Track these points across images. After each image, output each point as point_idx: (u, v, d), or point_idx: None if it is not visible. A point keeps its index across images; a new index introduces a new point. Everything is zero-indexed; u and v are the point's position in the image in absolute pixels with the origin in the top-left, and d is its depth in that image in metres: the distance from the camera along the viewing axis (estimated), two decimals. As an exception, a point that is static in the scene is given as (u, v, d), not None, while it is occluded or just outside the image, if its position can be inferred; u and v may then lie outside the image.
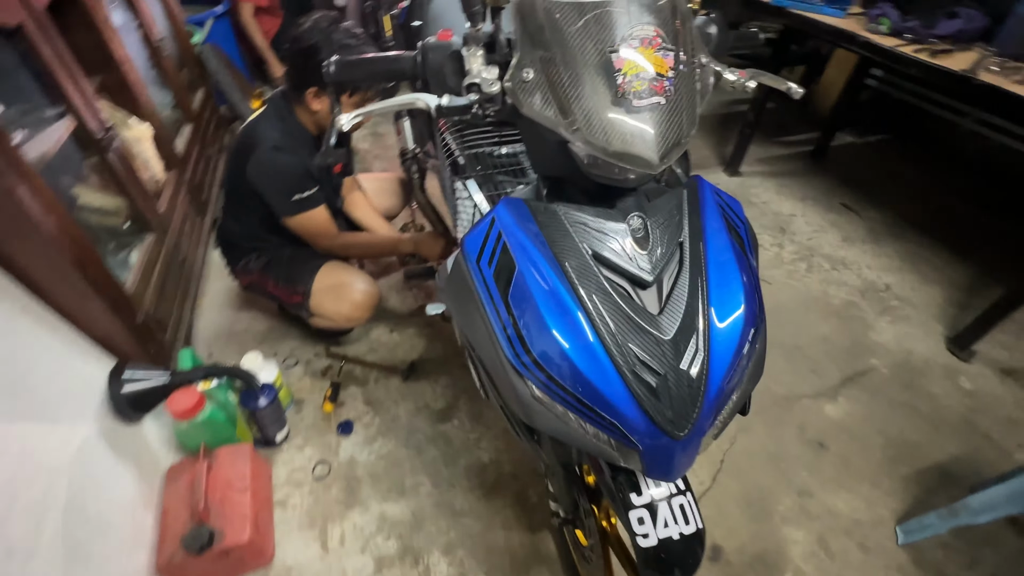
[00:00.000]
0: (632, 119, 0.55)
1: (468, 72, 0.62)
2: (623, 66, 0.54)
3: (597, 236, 0.62)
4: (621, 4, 0.55)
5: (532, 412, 0.62)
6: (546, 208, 0.64)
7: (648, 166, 0.57)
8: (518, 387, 0.62)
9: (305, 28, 1.18)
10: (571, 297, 0.60)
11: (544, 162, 0.70)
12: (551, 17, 0.56)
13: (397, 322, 1.81)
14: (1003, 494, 1.08)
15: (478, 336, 0.66)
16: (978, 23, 1.62)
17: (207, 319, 1.78)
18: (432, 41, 0.63)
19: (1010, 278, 2.00)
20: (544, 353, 0.60)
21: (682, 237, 0.66)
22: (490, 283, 0.63)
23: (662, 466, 0.63)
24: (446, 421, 1.51)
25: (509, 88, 0.59)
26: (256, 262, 1.49)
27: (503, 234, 0.64)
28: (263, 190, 1.31)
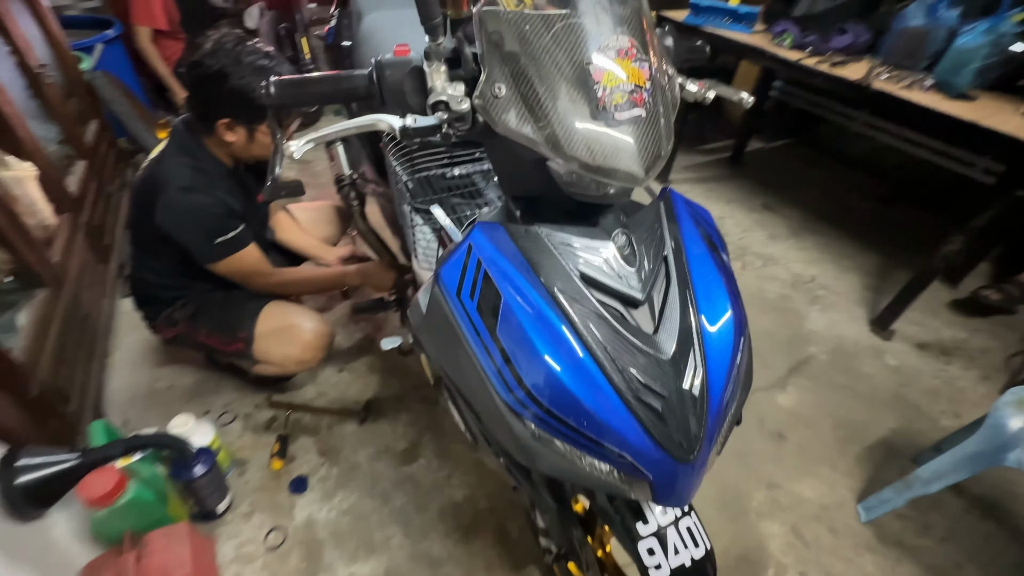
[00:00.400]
0: (614, 132, 0.53)
1: (431, 89, 0.56)
2: (602, 78, 0.52)
3: (583, 257, 0.59)
4: (591, 14, 0.52)
5: (533, 454, 0.57)
6: (527, 231, 0.59)
7: (633, 180, 0.55)
8: (516, 428, 0.57)
9: (208, 51, 1.04)
10: (564, 324, 0.56)
11: (516, 182, 0.65)
12: (519, 29, 0.53)
13: (346, 360, 1.68)
14: (948, 463, 1.16)
15: (465, 378, 0.60)
16: (865, 37, 1.82)
17: (120, 380, 1.56)
18: (389, 57, 0.58)
19: (911, 262, 2.23)
20: (541, 388, 0.55)
21: (666, 251, 0.64)
22: (474, 318, 0.57)
23: (674, 493, 0.59)
24: (411, 462, 1.41)
25: (480, 105, 0.54)
26: (181, 312, 1.31)
27: (483, 262, 0.59)
28: (179, 237, 1.15)
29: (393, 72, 0.57)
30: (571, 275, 0.58)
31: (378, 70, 0.57)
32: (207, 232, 1.15)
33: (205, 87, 1.06)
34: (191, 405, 1.50)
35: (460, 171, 1.05)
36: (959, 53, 1.60)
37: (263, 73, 1.05)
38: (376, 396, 1.57)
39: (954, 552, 1.31)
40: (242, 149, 1.18)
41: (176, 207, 1.11)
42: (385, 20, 1.27)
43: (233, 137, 1.13)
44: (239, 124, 1.11)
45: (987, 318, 2.04)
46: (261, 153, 1.20)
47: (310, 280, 1.36)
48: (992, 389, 1.75)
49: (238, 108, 1.08)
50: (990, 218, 1.54)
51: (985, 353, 1.89)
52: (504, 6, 0.53)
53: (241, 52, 1.05)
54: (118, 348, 1.64)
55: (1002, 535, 1.35)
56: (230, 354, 1.34)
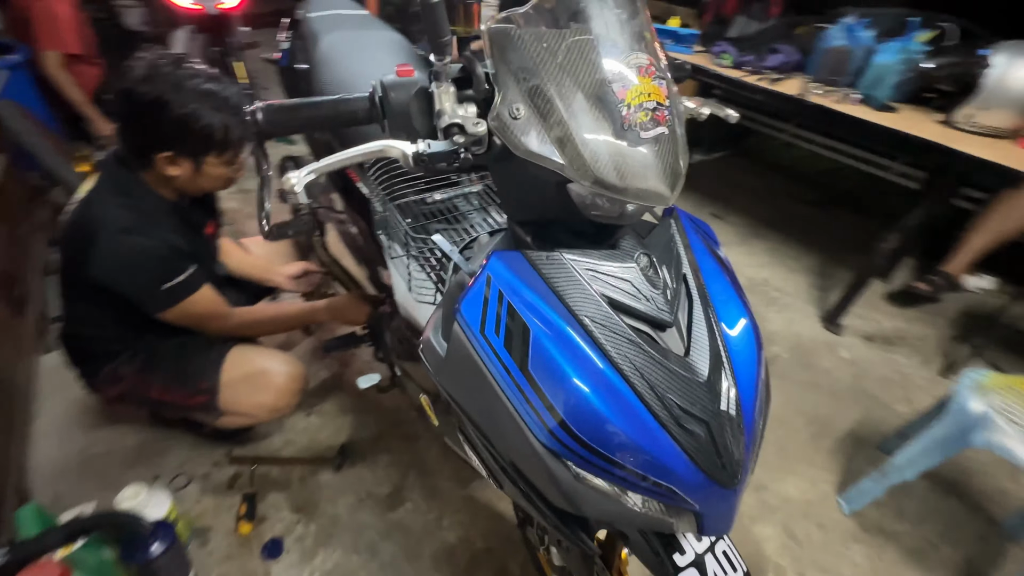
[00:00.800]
0: (641, 151, 0.51)
1: (440, 112, 0.52)
2: (625, 96, 0.50)
3: (609, 281, 0.56)
4: (607, 31, 0.50)
5: (577, 498, 0.53)
6: (548, 257, 0.56)
7: (660, 199, 0.53)
8: (556, 472, 0.52)
9: (141, 76, 0.92)
10: (598, 354, 0.53)
11: (525, 206, 0.62)
12: (535, 47, 0.50)
13: (313, 402, 1.55)
14: (920, 450, 1.23)
15: (494, 421, 0.55)
16: (795, 56, 1.96)
17: (47, 451, 1.35)
18: (392, 78, 0.53)
19: (847, 260, 2.41)
20: (582, 425, 0.51)
21: (684, 269, 0.63)
22: (502, 355, 0.53)
23: (720, 520, 0.57)
24: (397, 507, 1.31)
25: (497, 127, 0.51)
26: (128, 366, 1.15)
27: (504, 294, 0.55)
28: (120, 287, 1.01)
29: (398, 94, 0.52)
30: (599, 301, 0.55)
31: (381, 92, 0.52)
32: (153, 278, 1.01)
33: (140, 118, 0.95)
34: (136, 471, 1.33)
35: (440, 196, 1.00)
36: (878, 69, 1.76)
37: (209, 99, 0.95)
38: (351, 439, 1.46)
39: (928, 532, 1.38)
40: (188, 183, 1.05)
41: (114, 254, 0.98)
42: (343, 42, 1.21)
43: (177, 171, 1.01)
44: (183, 157, 0.99)
45: (918, 307, 2.22)
46: (211, 186, 1.08)
47: (274, 319, 1.24)
48: (933, 373, 1.90)
49: (181, 139, 0.97)
50: (921, 217, 1.69)
51: (923, 340, 2.05)
52: (517, 23, 0.50)
53: (181, 76, 0.94)
54: (41, 413, 1.43)
55: (964, 510, 1.45)
56: (189, 408, 1.19)
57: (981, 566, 1.32)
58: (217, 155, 1.02)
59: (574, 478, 0.52)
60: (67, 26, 2.27)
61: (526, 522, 1.03)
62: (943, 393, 1.81)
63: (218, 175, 1.05)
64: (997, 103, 1.50)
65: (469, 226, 1.02)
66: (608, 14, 0.50)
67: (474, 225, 1.04)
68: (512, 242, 0.67)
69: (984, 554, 1.34)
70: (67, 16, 2.27)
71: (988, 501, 1.48)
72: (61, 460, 1.33)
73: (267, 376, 1.18)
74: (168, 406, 1.21)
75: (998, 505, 1.47)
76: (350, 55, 1.19)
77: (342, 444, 1.42)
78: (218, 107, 0.97)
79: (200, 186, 1.07)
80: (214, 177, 1.05)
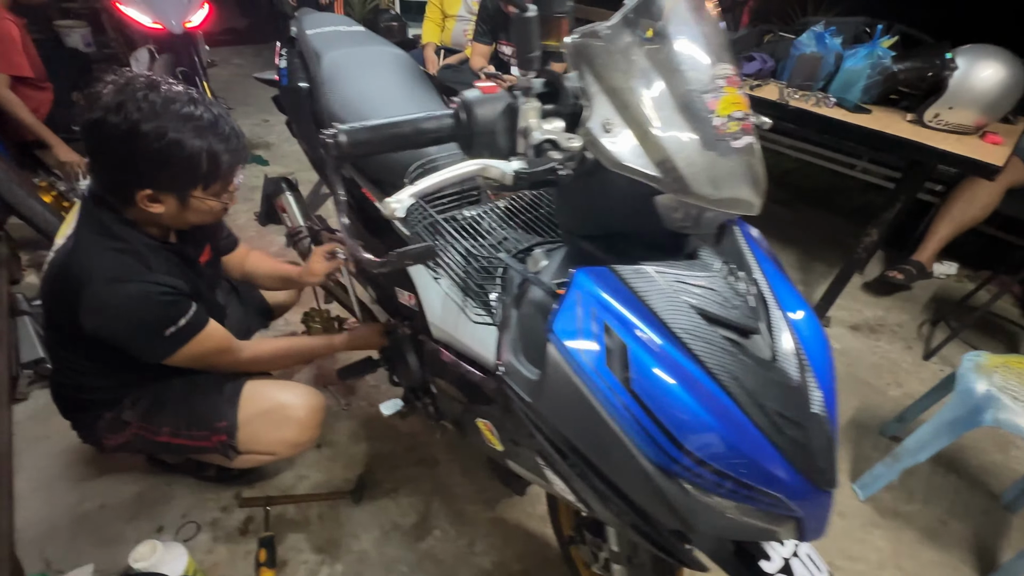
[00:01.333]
0: (732, 161, 0.51)
1: (526, 129, 0.51)
2: (716, 107, 0.50)
3: (696, 291, 0.56)
4: (695, 43, 0.51)
5: (691, 515, 0.52)
6: (636, 270, 0.55)
7: (750, 208, 0.53)
8: (668, 490, 0.51)
9: (112, 104, 0.79)
10: (697, 367, 0.52)
11: (599, 219, 0.61)
12: (625, 60, 0.50)
13: (322, 433, 1.46)
14: (930, 432, 1.29)
15: (596, 443, 0.53)
16: (770, 63, 2.05)
17: (32, 511, 1.22)
18: (476, 94, 0.51)
19: (822, 254, 2.53)
20: (692, 440, 0.50)
21: (755, 274, 0.63)
22: (605, 375, 0.51)
23: (819, 524, 0.57)
24: (425, 536, 1.26)
25: (589, 141, 0.50)
26: (131, 411, 1.06)
27: (597, 312, 0.53)
28: (118, 340, 0.92)
29: (484, 111, 0.51)
30: (690, 312, 0.54)
31: (466, 109, 0.50)
32: (153, 327, 0.91)
33: (114, 152, 0.83)
34: (136, 525, 1.22)
35: (469, 213, 0.98)
36: (848, 73, 1.86)
37: (190, 124, 0.83)
38: (367, 468, 1.40)
39: (937, 511, 1.44)
40: (174, 219, 0.93)
41: (107, 306, 0.88)
42: (347, 59, 1.17)
43: (160, 208, 0.89)
44: (165, 193, 0.87)
45: (892, 296, 2.35)
46: (199, 220, 0.96)
47: (290, 353, 1.18)
48: (917, 357, 2.01)
49: (162, 173, 0.85)
50: (898, 210, 1.79)
51: (902, 326, 2.17)
52: (603, 36, 0.50)
53: (156, 101, 0.81)
54: (20, 469, 1.29)
55: (965, 486, 1.53)
56: (204, 450, 1.11)
57: (989, 539, 1.39)
58: (204, 187, 0.90)
59: (686, 496, 0.51)
60: (15, 47, 2.11)
61: (572, 541, 1.01)
62: (929, 375, 1.93)
63: (207, 208, 0.93)
64: (961, 102, 1.61)
65: (495, 242, 1.00)
66: (693, 25, 0.51)
67: (501, 241, 1.02)
68: (577, 257, 0.66)
69: (990, 527, 1.42)
70: (15, 37, 2.11)
71: (985, 474, 1.56)
72: (49, 519, 1.21)
73: (287, 410, 1.12)
74: (178, 450, 1.12)
75: (994, 477, 1.56)
76: (356, 73, 1.15)
77: (359, 475, 1.36)
78: (201, 133, 0.85)
79: (188, 221, 0.96)
80: (203, 211, 0.94)
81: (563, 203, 0.62)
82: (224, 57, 4.41)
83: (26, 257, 1.96)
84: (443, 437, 1.47)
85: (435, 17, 2.90)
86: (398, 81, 1.17)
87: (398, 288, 1.16)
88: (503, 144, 0.52)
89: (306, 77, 1.19)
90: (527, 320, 0.61)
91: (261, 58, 4.69)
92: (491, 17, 2.30)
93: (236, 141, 0.91)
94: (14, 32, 2.07)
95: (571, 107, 0.52)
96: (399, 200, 0.45)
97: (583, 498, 0.61)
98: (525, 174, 0.47)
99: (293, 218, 1.46)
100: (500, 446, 0.74)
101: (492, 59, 2.44)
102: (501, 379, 0.61)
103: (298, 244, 1.47)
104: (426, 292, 0.95)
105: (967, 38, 1.70)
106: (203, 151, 0.85)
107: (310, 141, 1.19)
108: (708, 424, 0.50)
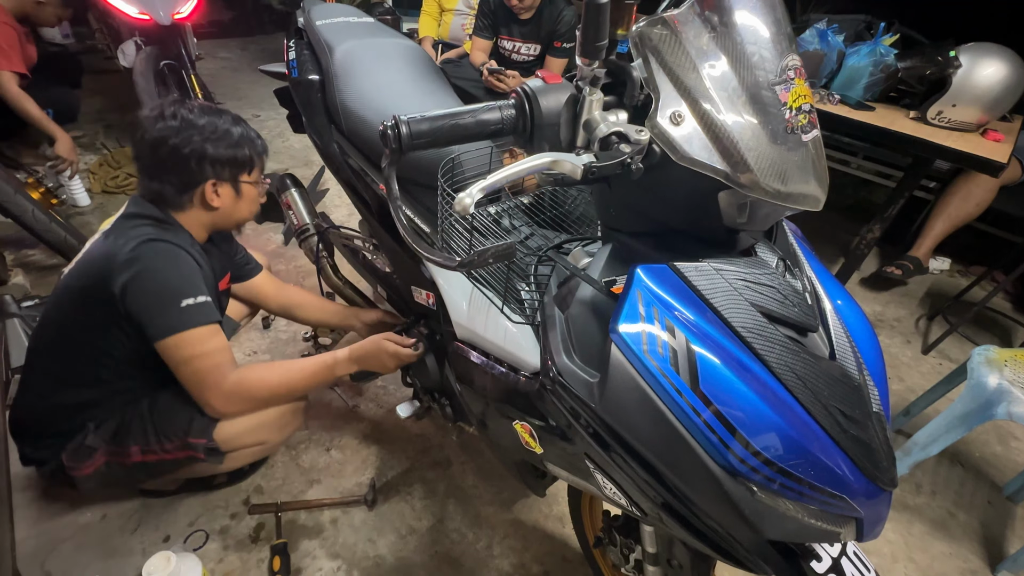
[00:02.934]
0: (801, 155, 0.50)
1: (589, 121, 0.49)
2: (787, 99, 0.49)
3: (756, 289, 0.55)
4: (765, 34, 0.49)
5: (757, 517, 0.50)
6: (697, 268, 0.53)
7: (815, 203, 0.52)
8: (734, 492, 0.50)
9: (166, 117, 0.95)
10: (761, 367, 0.51)
11: (651, 215, 0.59)
12: (694, 51, 0.48)
13: (331, 436, 1.44)
14: (941, 426, 1.30)
15: (660, 445, 0.51)
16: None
17: (31, 520, 1.17)
18: (540, 84, 0.49)
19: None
20: (761, 441, 0.49)
21: (808, 272, 0.63)
22: (671, 375, 0.50)
23: (878, 524, 0.57)
24: (443, 539, 1.23)
25: (657, 134, 0.48)
26: (96, 435, 1.03)
27: (659, 311, 0.51)
28: (138, 303, 0.92)
29: (548, 101, 0.48)
30: (752, 310, 0.53)
31: (528, 99, 0.48)
32: (173, 291, 0.93)
33: (178, 155, 0.95)
34: (142, 534, 1.17)
35: (494, 209, 0.95)
36: (851, 71, 1.88)
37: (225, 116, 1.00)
38: (379, 472, 1.37)
39: (944, 502, 1.46)
40: (228, 212, 1.04)
41: (139, 258, 0.92)
42: (360, 51, 1.14)
43: (218, 202, 1.01)
44: (224, 182, 1.00)
45: (889, 291, 2.38)
46: (248, 211, 1.08)
47: (284, 380, 1.06)
48: (916, 351, 2.04)
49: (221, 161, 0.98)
50: (899, 206, 1.81)
51: (900, 321, 2.20)
52: (671, 26, 0.48)
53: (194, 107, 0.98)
54: (15, 478, 1.23)
55: (969, 477, 1.55)
56: (184, 463, 1.06)
57: (995, 529, 1.41)
58: (248, 172, 1.03)
59: (752, 497, 0.50)
60: (13, 44, 2.04)
61: (600, 542, 1.00)
62: (928, 369, 1.96)
63: (253, 196, 1.07)
64: (965, 100, 1.63)
65: (521, 240, 0.97)
66: (761, 16, 0.49)
67: (526, 237, 1.00)
68: (623, 254, 0.64)
69: (995, 518, 1.44)
70: (11, 34, 2.04)
71: (987, 466, 1.59)
72: (49, 531, 1.15)
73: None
74: (156, 469, 1.07)
75: (995, 469, 1.59)
76: (370, 65, 1.12)
77: (371, 479, 1.33)
78: (236, 122, 1.02)
79: (240, 214, 1.07)
80: (251, 199, 1.07)
81: (611, 199, 0.60)
82: (209, 50, 4.29)
83: (11, 257, 1.88)
84: (459, 438, 1.44)
85: (432, 11, 2.85)
86: (413, 74, 1.14)
87: (415, 287, 1.13)
88: (566, 136, 0.50)
89: (317, 69, 1.15)
90: (578, 320, 0.59)
91: (247, 52, 4.58)
92: (492, 12, 2.26)
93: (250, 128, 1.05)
94: (10, 32, 2.01)
95: (635, 98, 0.50)
96: (470, 195, 0.43)
97: (635, 500, 0.59)
98: (596, 168, 0.45)
99: (299, 215, 1.42)
100: (539, 448, 0.72)
101: (492, 54, 2.40)
102: (554, 381, 0.58)
103: (304, 242, 1.42)
104: (450, 290, 0.92)
105: (961, 38, 1.72)
106: (244, 135, 1.01)
107: (321, 135, 1.15)
108: (775, 424, 0.49)
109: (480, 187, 0.44)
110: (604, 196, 0.62)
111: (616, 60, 0.50)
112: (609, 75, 0.50)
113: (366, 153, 1.08)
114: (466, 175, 0.83)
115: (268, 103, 3.45)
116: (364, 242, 1.42)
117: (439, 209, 0.78)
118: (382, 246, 1.21)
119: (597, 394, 0.53)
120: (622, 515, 0.94)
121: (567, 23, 2.21)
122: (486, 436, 0.97)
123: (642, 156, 0.48)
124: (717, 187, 0.51)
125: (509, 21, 2.27)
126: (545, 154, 0.45)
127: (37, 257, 1.92)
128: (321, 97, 1.14)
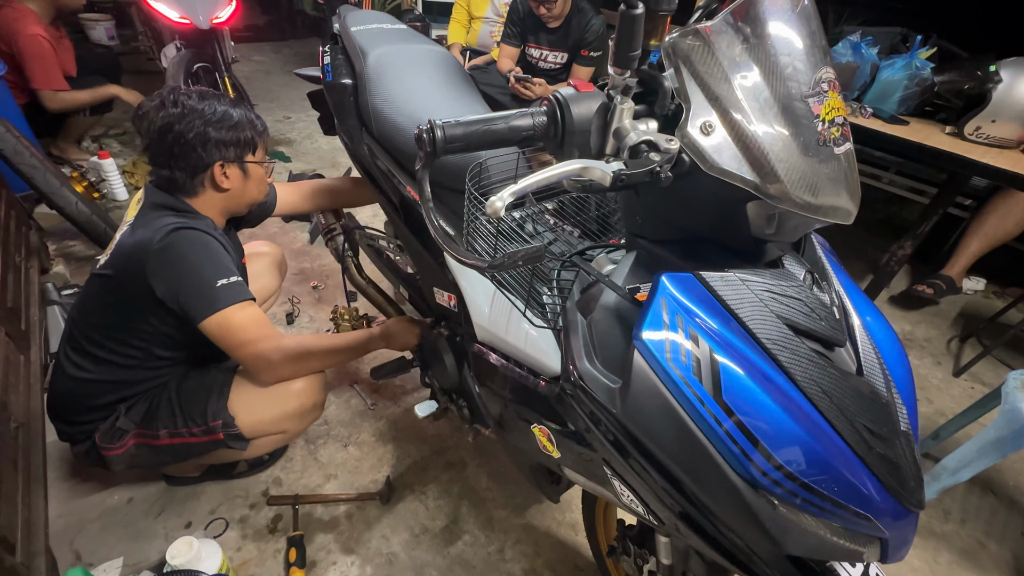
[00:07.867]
0: (832, 168, 0.50)
1: (618, 129, 0.49)
2: (820, 112, 0.48)
3: (782, 301, 0.54)
4: (799, 45, 0.49)
5: (779, 531, 0.50)
6: (723, 278, 0.53)
7: (846, 216, 0.52)
8: (756, 506, 0.49)
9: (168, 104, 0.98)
10: (784, 379, 0.51)
11: (678, 224, 0.59)
12: (727, 61, 0.48)
13: (349, 432, 1.47)
14: (973, 452, 1.26)
15: (681, 454, 0.51)
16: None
17: (61, 503, 1.22)
18: (571, 91, 0.50)
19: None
20: (784, 454, 0.49)
21: (836, 286, 0.62)
22: (694, 385, 0.49)
23: (903, 545, 0.55)
24: (455, 540, 1.24)
25: (687, 144, 0.48)
26: (127, 418, 1.07)
27: (683, 320, 0.52)
28: (173, 288, 0.96)
29: (579, 109, 0.49)
30: (778, 322, 0.52)
31: (560, 107, 0.49)
32: (208, 273, 0.98)
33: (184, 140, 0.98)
34: (165, 519, 1.21)
35: (518, 214, 0.96)
36: (885, 84, 1.84)
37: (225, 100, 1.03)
38: (395, 469, 1.38)
39: (975, 531, 1.41)
40: (239, 194, 1.09)
41: (171, 246, 0.96)
42: (393, 56, 1.16)
43: (228, 183, 1.05)
44: (231, 163, 1.04)
45: (920, 310, 2.31)
46: (256, 194, 1.13)
47: (328, 350, 1.13)
48: (947, 373, 1.97)
49: (225, 142, 1.02)
50: (933, 223, 1.76)
51: (930, 341, 2.13)
52: (703, 37, 0.48)
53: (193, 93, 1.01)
54: (48, 458, 1.28)
55: (1002, 507, 1.49)
56: (210, 447, 1.09)
57: (1028, 562, 1.35)
58: (253, 152, 1.07)
59: (774, 511, 0.49)
60: (51, 62, 2.15)
61: (613, 551, 0.99)
62: (959, 392, 1.90)
63: (260, 176, 1.11)
64: (1005, 116, 1.59)
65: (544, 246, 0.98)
66: (796, 28, 0.49)
67: (548, 246, 1.01)
68: (648, 261, 0.64)
69: (1029, 550, 1.38)
70: (48, 52, 2.14)
71: (1022, 496, 1.53)
72: (77, 511, 1.20)
73: (282, 384, 1.09)
74: (184, 452, 1.10)
75: (1030, 500, 1.52)
76: (402, 71, 1.14)
77: (387, 476, 1.35)
78: (234, 104, 1.04)
79: (250, 195, 1.11)
80: (258, 179, 1.11)
81: (637, 206, 0.61)
82: (244, 53, 4.43)
83: (53, 247, 1.96)
84: (475, 440, 1.45)
85: (461, 18, 2.90)
86: (443, 80, 1.16)
87: (437, 288, 1.14)
88: (596, 143, 0.50)
89: (351, 73, 1.19)
90: (602, 326, 0.59)
91: (280, 55, 4.72)
92: (521, 20, 2.29)
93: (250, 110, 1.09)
94: (46, 47, 2.12)
95: (665, 107, 0.50)
96: (501, 199, 0.44)
97: (653, 509, 0.59)
98: (625, 175, 0.46)
99: (327, 215, 1.46)
100: (556, 453, 0.72)
101: (520, 61, 2.43)
102: (574, 385, 0.59)
103: (330, 241, 1.46)
104: (472, 293, 0.93)
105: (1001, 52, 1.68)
106: (243, 116, 1.04)
107: (352, 137, 1.17)
108: (799, 437, 0.49)
109: (512, 191, 0.45)
110: (631, 203, 0.62)
111: (648, 70, 0.51)
112: (640, 84, 0.51)
113: (395, 156, 1.10)
114: (492, 180, 0.84)
115: (299, 105, 3.55)
116: (388, 243, 1.44)
117: (465, 212, 0.80)
118: (406, 247, 1.23)
119: (618, 400, 0.53)
120: (637, 525, 0.93)
121: (595, 32, 2.22)
122: (503, 438, 0.97)
123: (671, 165, 0.48)
124: (746, 197, 0.50)
125: (537, 29, 2.29)
126: (576, 160, 0.46)
127: (77, 248, 2.00)
128: (353, 100, 1.17)
